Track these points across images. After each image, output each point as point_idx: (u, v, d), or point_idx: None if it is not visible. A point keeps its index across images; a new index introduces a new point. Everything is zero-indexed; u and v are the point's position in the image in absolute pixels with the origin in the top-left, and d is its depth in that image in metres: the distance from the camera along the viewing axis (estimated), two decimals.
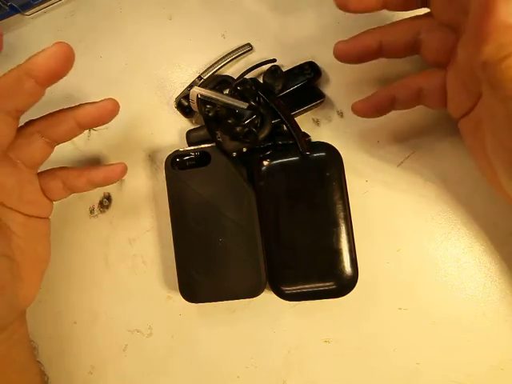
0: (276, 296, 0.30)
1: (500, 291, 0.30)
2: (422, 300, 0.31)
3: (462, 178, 0.31)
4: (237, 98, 0.30)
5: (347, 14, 0.33)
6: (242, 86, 0.30)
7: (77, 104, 0.28)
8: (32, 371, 0.32)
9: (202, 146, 0.32)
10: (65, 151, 0.36)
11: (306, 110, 0.32)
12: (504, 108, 0.20)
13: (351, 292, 0.29)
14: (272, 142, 0.31)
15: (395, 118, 0.31)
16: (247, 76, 0.32)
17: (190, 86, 0.34)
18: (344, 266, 0.29)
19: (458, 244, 0.31)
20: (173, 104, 0.34)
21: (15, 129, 0.26)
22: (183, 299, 0.31)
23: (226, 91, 0.33)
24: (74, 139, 0.36)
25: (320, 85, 0.33)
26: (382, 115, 0.29)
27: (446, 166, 0.31)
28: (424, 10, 0.27)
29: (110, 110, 0.28)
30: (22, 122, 0.28)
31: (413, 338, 0.31)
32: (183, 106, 0.33)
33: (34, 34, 0.38)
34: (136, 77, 0.36)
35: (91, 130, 0.36)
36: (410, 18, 0.28)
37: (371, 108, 0.29)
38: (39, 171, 0.30)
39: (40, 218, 0.30)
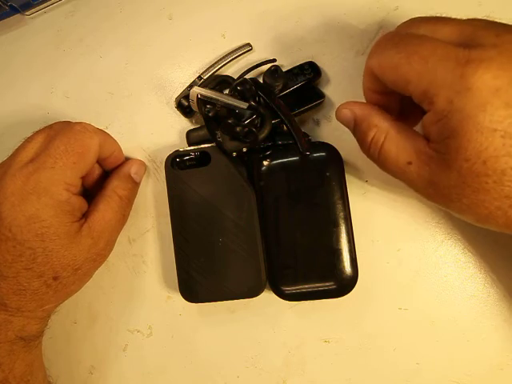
0: (276, 296, 0.30)
1: (500, 291, 0.30)
2: (422, 300, 0.31)
3: None
4: (237, 98, 0.30)
5: (347, 14, 0.33)
6: (242, 86, 0.30)
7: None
8: (46, 376, 0.33)
9: (202, 146, 0.32)
10: None
11: (306, 110, 0.32)
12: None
13: (351, 292, 0.29)
14: (272, 142, 0.31)
15: None
16: (247, 76, 0.32)
17: (190, 86, 0.34)
18: (344, 266, 0.29)
19: (457, 244, 0.31)
20: (173, 104, 0.34)
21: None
22: (183, 299, 0.31)
23: (226, 91, 0.33)
24: None
25: (320, 85, 0.33)
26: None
27: None
28: None
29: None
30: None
31: (413, 338, 0.31)
32: (183, 106, 0.33)
33: (34, 34, 0.38)
34: (136, 77, 0.36)
35: None
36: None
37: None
38: None
39: None
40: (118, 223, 0.32)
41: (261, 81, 0.32)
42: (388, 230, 0.32)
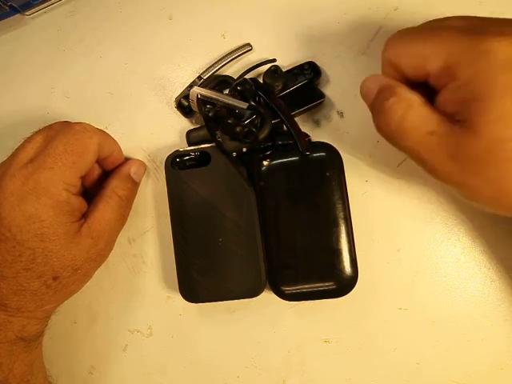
0: (276, 296, 0.30)
1: (500, 291, 0.30)
2: (421, 300, 0.31)
3: None
4: (237, 98, 0.30)
5: (347, 14, 0.33)
6: (242, 86, 0.30)
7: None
8: (46, 376, 0.33)
9: (202, 146, 0.32)
10: None
11: (305, 110, 0.32)
12: None
13: (351, 292, 0.29)
14: (272, 142, 0.31)
15: None
16: (247, 76, 0.32)
17: (190, 86, 0.34)
18: (344, 266, 0.29)
19: (457, 244, 0.31)
20: (173, 104, 0.34)
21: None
22: (183, 299, 0.31)
23: (226, 91, 0.33)
24: None
25: (320, 85, 0.33)
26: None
27: None
28: None
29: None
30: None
31: (413, 338, 0.31)
32: (183, 106, 0.33)
33: (34, 34, 0.38)
34: (136, 77, 0.36)
35: None
36: None
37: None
38: None
39: None
40: (118, 223, 0.32)
41: (261, 81, 0.32)
42: (388, 230, 0.32)
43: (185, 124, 0.35)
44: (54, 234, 0.27)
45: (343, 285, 0.29)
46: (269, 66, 0.31)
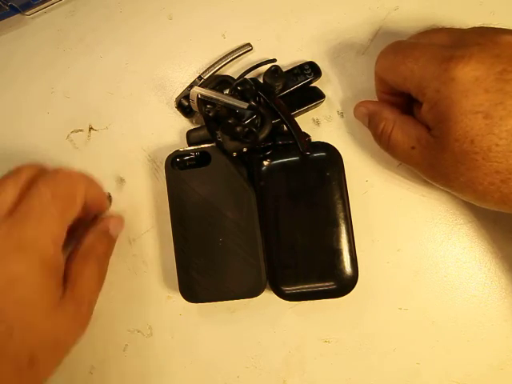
0: (276, 296, 0.30)
1: (500, 291, 0.30)
2: (422, 300, 0.31)
3: None
4: (237, 98, 0.30)
5: (347, 14, 0.33)
6: (242, 86, 0.30)
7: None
8: None
9: (202, 146, 0.32)
10: (65, 151, 0.36)
11: (305, 110, 0.32)
12: None
13: (351, 292, 0.29)
14: (272, 142, 0.31)
15: None
16: (247, 76, 0.32)
17: (190, 86, 0.34)
18: (344, 266, 0.29)
19: (457, 244, 0.31)
20: (173, 104, 0.34)
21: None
22: (183, 299, 0.31)
23: (226, 91, 0.33)
24: (74, 139, 0.36)
25: (320, 85, 0.33)
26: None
27: None
28: None
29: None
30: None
31: (413, 338, 0.31)
32: (183, 106, 0.33)
33: (34, 34, 0.38)
34: (136, 77, 0.36)
35: (91, 130, 0.36)
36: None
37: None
38: None
39: None
40: (98, 285, 0.30)
41: (261, 81, 0.32)
42: (388, 229, 0.32)
43: (185, 124, 0.35)
44: (40, 298, 0.25)
45: (343, 285, 0.29)
46: (269, 66, 0.31)
